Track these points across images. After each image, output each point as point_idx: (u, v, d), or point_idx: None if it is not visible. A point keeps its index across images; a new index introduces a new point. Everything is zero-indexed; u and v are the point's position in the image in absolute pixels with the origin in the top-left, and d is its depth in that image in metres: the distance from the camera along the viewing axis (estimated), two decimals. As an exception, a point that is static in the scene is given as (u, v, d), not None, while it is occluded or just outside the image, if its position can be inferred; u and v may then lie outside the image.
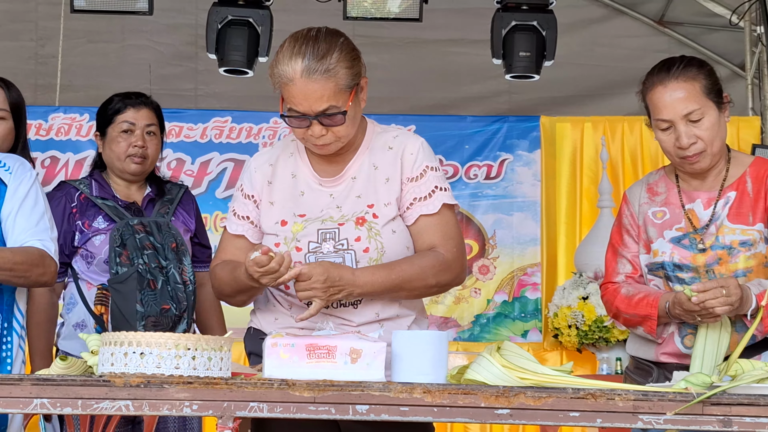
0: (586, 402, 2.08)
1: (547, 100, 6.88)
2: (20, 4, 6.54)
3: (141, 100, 3.90)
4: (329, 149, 2.78)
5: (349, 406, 2.06)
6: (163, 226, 3.76)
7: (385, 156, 2.83)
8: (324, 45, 2.68)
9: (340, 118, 2.70)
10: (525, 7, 5.54)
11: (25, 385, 1.98)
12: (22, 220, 2.99)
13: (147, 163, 3.87)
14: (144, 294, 3.64)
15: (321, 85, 2.65)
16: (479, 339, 6.63)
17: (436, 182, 2.81)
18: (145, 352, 2.10)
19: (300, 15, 6.10)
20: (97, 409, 2.00)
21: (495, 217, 6.77)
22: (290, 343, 2.22)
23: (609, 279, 3.19)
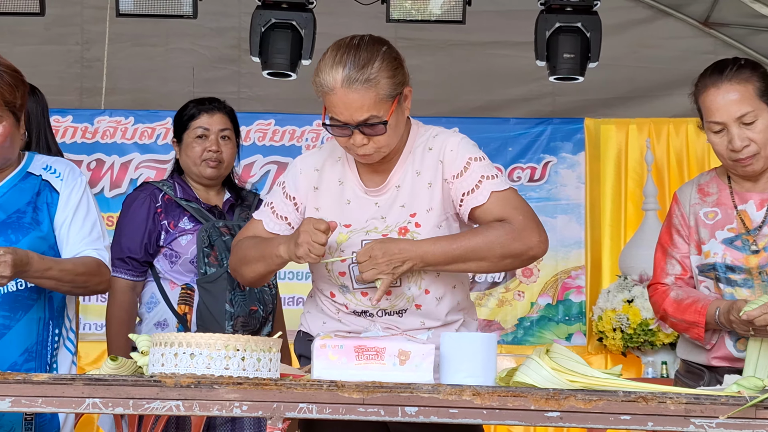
0: (637, 405, 2.07)
1: (591, 102, 6.83)
2: (66, 8, 6.60)
3: (215, 105, 3.98)
4: (372, 159, 2.76)
5: (398, 408, 2.06)
6: None
7: (426, 159, 2.81)
8: (365, 54, 2.67)
9: (381, 128, 2.68)
10: (569, 9, 5.50)
11: (77, 385, 2.00)
12: (77, 228, 3.02)
13: (222, 167, 3.93)
14: (234, 294, 3.72)
15: (361, 95, 2.64)
16: (523, 342, 6.60)
17: (482, 172, 2.76)
18: (195, 353, 2.11)
19: (343, 18, 6.11)
20: (148, 409, 2.01)
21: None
22: (339, 344, 2.22)
23: (658, 280, 3.16)
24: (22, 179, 3.05)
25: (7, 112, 2.94)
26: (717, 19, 6.73)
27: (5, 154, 2.98)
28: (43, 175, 3.06)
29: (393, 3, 5.56)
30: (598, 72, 5.87)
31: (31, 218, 3.00)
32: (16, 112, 2.97)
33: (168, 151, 6.47)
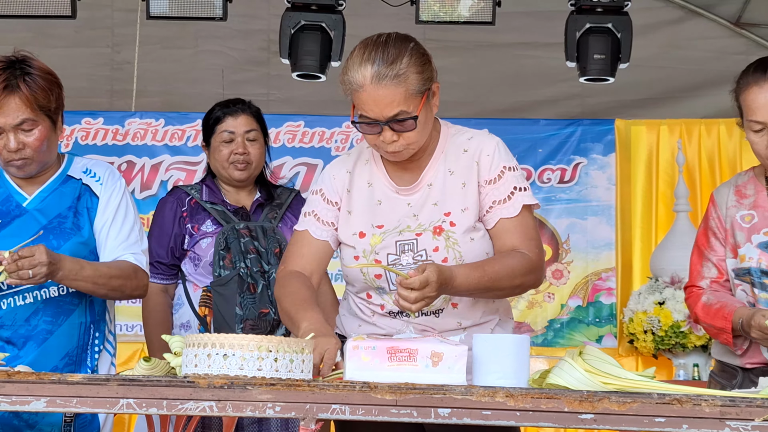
0: (672, 407, 2.05)
1: (621, 103, 6.80)
2: (96, 11, 6.63)
3: (239, 107, 3.98)
4: (401, 156, 2.76)
5: (431, 410, 2.05)
6: (268, 230, 3.83)
7: (460, 160, 2.80)
8: (394, 50, 2.67)
9: (411, 123, 2.68)
10: (599, 10, 5.47)
11: (111, 386, 2.00)
12: (115, 233, 3.03)
13: (251, 168, 3.93)
14: (243, 297, 3.72)
15: (391, 91, 2.64)
16: (553, 344, 6.58)
17: (515, 183, 2.77)
18: (228, 354, 2.12)
19: (372, 19, 6.10)
20: (182, 410, 2.02)
21: (569, 221, 6.71)
22: (372, 345, 2.22)
23: (693, 282, 3.14)
24: (62, 183, 3.07)
25: (42, 116, 2.95)
26: (748, 20, 6.68)
27: (42, 159, 3.00)
28: (83, 178, 3.08)
29: (422, 4, 5.56)
30: (627, 73, 5.84)
31: (72, 223, 3.02)
32: (51, 116, 2.99)
33: (198, 152, 6.49)
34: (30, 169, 3.00)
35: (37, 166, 3.01)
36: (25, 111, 2.92)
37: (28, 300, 2.96)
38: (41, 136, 2.95)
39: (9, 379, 2.02)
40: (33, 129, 2.94)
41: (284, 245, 3.75)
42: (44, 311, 2.97)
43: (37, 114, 2.94)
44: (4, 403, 2.00)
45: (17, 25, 6.17)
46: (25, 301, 2.96)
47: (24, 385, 2.01)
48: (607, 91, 6.45)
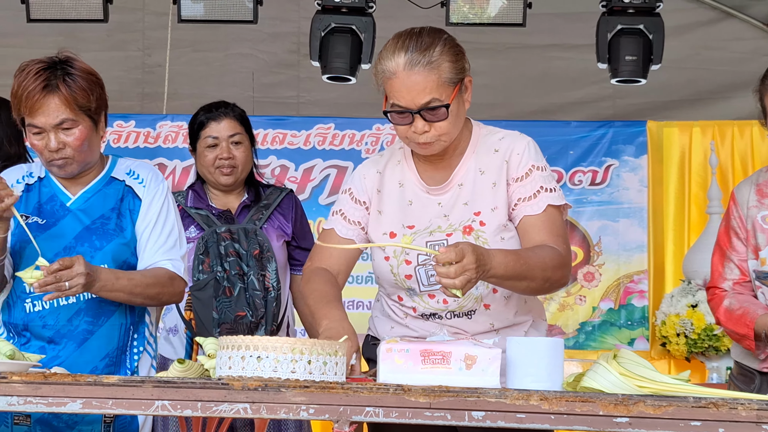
0: (708, 411, 2.03)
1: (653, 105, 6.77)
2: (128, 14, 6.67)
3: (221, 112, 3.99)
4: (432, 148, 2.75)
5: (465, 413, 2.04)
6: (250, 232, 3.83)
7: (491, 159, 2.80)
8: (427, 39, 2.68)
9: (443, 111, 2.67)
10: (631, 11, 5.44)
11: (146, 387, 2.01)
12: (155, 238, 3.04)
13: (238, 172, 3.95)
14: (219, 301, 3.73)
15: (424, 77, 2.64)
16: (584, 347, 6.55)
17: (542, 182, 2.76)
18: (262, 356, 2.12)
19: (402, 21, 6.06)
20: (216, 412, 2.02)
21: (600, 223, 6.69)
22: (405, 348, 2.22)
23: (715, 284, 3.11)
24: (106, 184, 3.09)
25: (82, 115, 2.97)
26: (781, 21, 6.64)
27: (83, 158, 3.01)
28: (127, 180, 3.09)
29: (453, 6, 5.55)
30: (659, 74, 5.80)
31: (115, 224, 3.03)
32: (92, 116, 3.00)
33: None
34: (71, 169, 3.02)
35: (78, 166, 3.02)
36: (64, 111, 2.93)
37: (71, 300, 2.97)
38: (81, 135, 2.97)
39: (45, 380, 2.03)
40: (73, 128, 2.96)
41: (265, 247, 3.79)
42: (86, 312, 2.98)
43: (77, 114, 2.95)
44: (41, 404, 2.01)
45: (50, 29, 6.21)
46: (67, 301, 2.97)
47: (60, 386, 2.02)
48: (638, 93, 6.42)
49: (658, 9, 5.45)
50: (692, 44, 6.65)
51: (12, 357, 2.35)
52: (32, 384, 2.03)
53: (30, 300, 2.99)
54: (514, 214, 2.77)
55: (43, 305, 2.97)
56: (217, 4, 5.64)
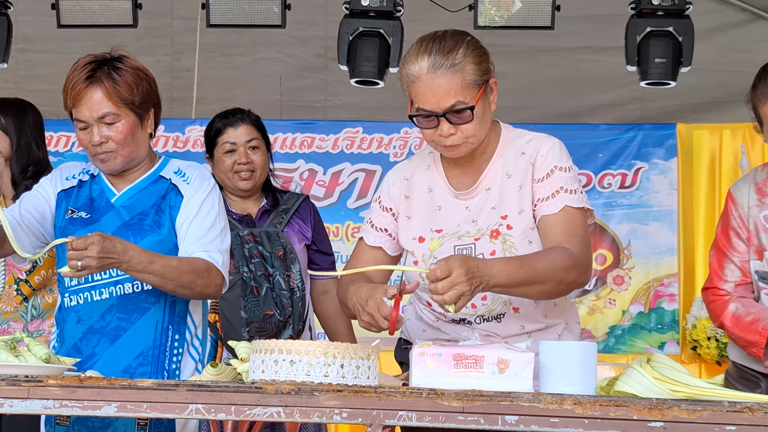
0: (743, 416, 2.02)
1: (682, 107, 6.73)
2: (156, 20, 6.70)
3: (238, 117, 4.04)
4: (459, 151, 2.74)
5: (498, 417, 2.04)
6: (272, 235, 3.87)
7: (518, 162, 2.78)
8: (450, 42, 2.68)
9: (468, 114, 2.66)
10: (660, 13, 5.42)
11: (180, 391, 2.02)
12: (194, 229, 3.00)
13: (256, 177, 3.99)
14: (247, 301, 3.76)
15: (447, 80, 2.63)
16: (614, 350, 6.53)
17: (563, 183, 2.73)
18: (295, 360, 2.13)
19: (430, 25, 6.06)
20: (250, 416, 2.03)
21: (630, 226, 6.66)
22: (437, 352, 2.22)
23: (714, 284, 3.06)
24: (152, 182, 3.08)
25: (125, 109, 2.96)
26: (812, 22, 6.59)
27: (127, 153, 3.00)
28: (173, 179, 3.08)
29: (480, 9, 5.54)
30: (688, 77, 5.77)
31: (152, 220, 3.02)
32: (136, 110, 2.99)
33: (257, 158, 6.53)
34: (115, 164, 3.01)
35: (122, 161, 3.01)
36: (106, 104, 2.94)
37: (104, 296, 2.97)
38: (125, 130, 2.96)
39: (81, 384, 2.04)
40: (116, 123, 2.96)
41: (288, 248, 3.84)
42: (117, 308, 2.97)
43: (120, 107, 2.95)
44: (77, 408, 2.02)
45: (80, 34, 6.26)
46: (101, 296, 2.97)
47: (95, 390, 2.03)
48: (668, 95, 6.39)
49: (688, 11, 5.43)
50: (722, 46, 6.61)
51: (47, 360, 2.37)
52: (68, 387, 2.04)
53: (68, 294, 3.00)
54: (535, 214, 2.76)
55: (78, 300, 2.98)
56: (245, 8, 5.66)
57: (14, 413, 2.07)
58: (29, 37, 6.63)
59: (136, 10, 5.61)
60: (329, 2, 6.59)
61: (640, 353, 6.33)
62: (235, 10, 5.63)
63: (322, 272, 4.04)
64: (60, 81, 3.03)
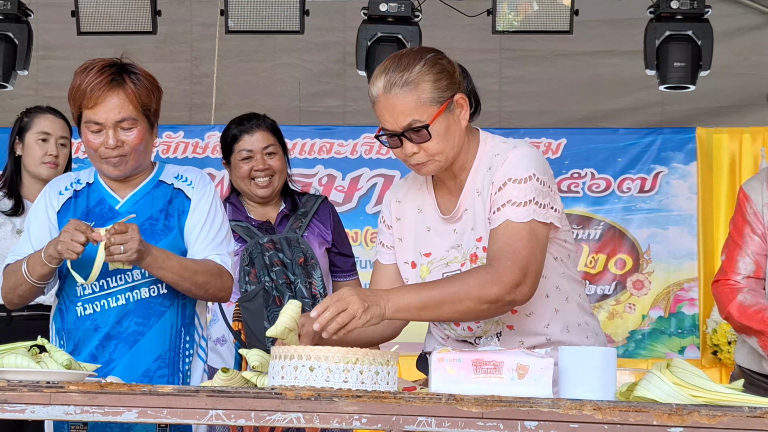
0: (763, 421, 2.02)
1: (701, 111, 6.72)
2: (176, 26, 6.74)
3: (254, 124, 3.97)
4: (428, 168, 2.67)
5: (518, 422, 2.04)
6: (293, 241, 3.82)
7: (485, 178, 2.68)
8: (407, 60, 2.62)
9: (425, 133, 2.59)
10: (679, 17, 5.41)
11: (201, 397, 2.03)
12: (204, 234, 3.03)
13: (274, 183, 3.94)
14: (270, 311, 3.69)
15: (401, 99, 2.58)
16: (634, 355, 6.51)
17: (511, 196, 2.60)
18: (315, 366, 2.13)
19: (449, 30, 6.12)
20: (270, 421, 2.04)
21: (649, 231, 6.64)
22: (457, 358, 2.21)
23: (726, 276, 3.03)
24: (154, 187, 3.09)
25: (142, 116, 2.99)
26: (831, 24, 6.56)
27: (138, 159, 3.02)
28: (175, 183, 3.09)
29: (499, 14, 5.54)
30: (708, 80, 5.77)
31: (163, 225, 3.03)
32: (150, 117, 3.02)
33: (276, 165, 6.55)
34: (125, 168, 3.02)
35: (132, 166, 3.02)
36: (127, 108, 2.96)
37: (120, 302, 2.98)
38: (140, 135, 2.98)
39: (102, 390, 2.05)
40: (132, 128, 2.97)
41: (309, 254, 3.80)
42: (135, 312, 2.98)
43: (139, 113, 2.97)
44: (97, 414, 2.03)
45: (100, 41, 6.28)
46: (117, 302, 2.98)
47: (116, 396, 2.04)
48: (687, 99, 6.37)
49: (707, 15, 5.42)
50: (741, 49, 6.59)
51: (68, 367, 2.38)
52: (89, 393, 2.05)
53: (81, 303, 3.00)
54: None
55: (94, 308, 2.98)
56: (264, 14, 5.68)
57: (36, 419, 2.08)
58: (50, 44, 6.68)
59: (156, 17, 5.64)
60: (348, 8, 6.61)
61: (660, 358, 6.31)
62: (253, 17, 5.66)
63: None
64: None
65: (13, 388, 2.09)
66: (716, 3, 5.59)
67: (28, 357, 2.35)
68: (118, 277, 2.98)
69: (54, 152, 4.13)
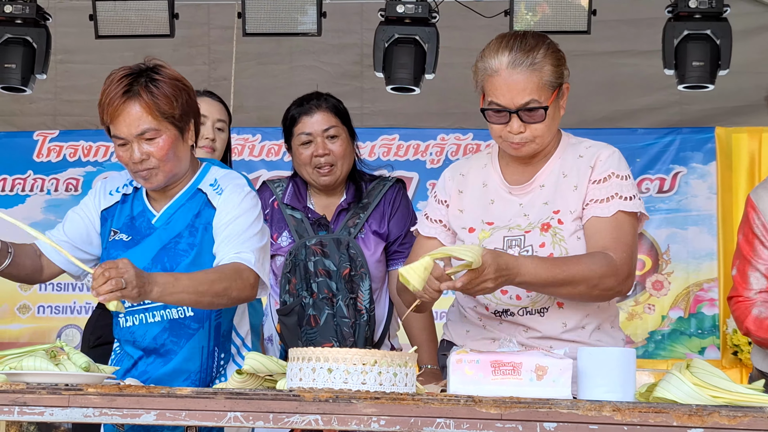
0: (784, 422, 2.00)
1: (721, 111, 6.68)
2: (194, 29, 6.75)
3: (313, 104, 3.67)
4: (524, 150, 2.78)
5: (537, 424, 2.04)
6: (342, 244, 3.55)
7: (575, 164, 2.82)
8: (532, 41, 2.73)
9: (541, 113, 2.70)
10: (697, 16, 5.38)
11: (219, 399, 2.03)
12: (227, 231, 2.88)
13: (336, 170, 3.62)
14: (304, 332, 3.50)
15: (525, 77, 2.68)
16: (654, 356, 6.48)
17: (618, 189, 2.76)
18: (333, 368, 2.13)
19: (466, 31, 6.10)
20: (288, 423, 2.04)
21: (668, 231, 6.61)
22: (475, 359, 2.21)
23: (739, 293, 3.04)
24: (189, 198, 2.99)
25: (166, 124, 2.84)
26: None
27: (170, 169, 2.90)
28: (209, 193, 2.97)
29: (516, 15, 5.53)
30: (726, 79, 5.73)
31: (186, 244, 2.93)
32: (176, 123, 2.87)
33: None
34: (157, 180, 2.90)
35: (164, 177, 2.89)
36: (146, 120, 2.82)
37: (156, 318, 2.93)
38: (166, 145, 2.84)
39: (120, 392, 2.06)
40: (156, 138, 2.84)
41: (359, 261, 3.51)
42: (170, 331, 2.94)
43: (160, 122, 2.82)
44: (116, 416, 2.04)
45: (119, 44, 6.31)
46: (154, 318, 2.93)
47: (134, 398, 2.04)
48: (706, 99, 6.34)
49: (725, 14, 5.39)
50: (760, 48, 6.55)
51: (87, 369, 2.38)
52: (107, 396, 2.06)
53: (123, 316, 2.97)
54: (584, 213, 2.79)
55: (134, 321, 2.96)
56: (281, 17, 5.68)
57: (54, 421, 2.08)
58: (68, 48, 6.70)
59: (173, 20, 5.65)
60: (365, 10, 6.60)
61: (680, 359, 6.27)
62: (271, 19, 5.66)
63: None
64: (98, 91, 2.91)
65: (32, 391, 2.10)
66: (735, 2, 5.56)
67: (47, 360, 2.35)
68: None
69: (211, 135, 3.86)
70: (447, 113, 6.73)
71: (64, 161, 6.90)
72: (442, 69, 5.71)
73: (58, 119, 7.03)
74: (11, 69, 5.61)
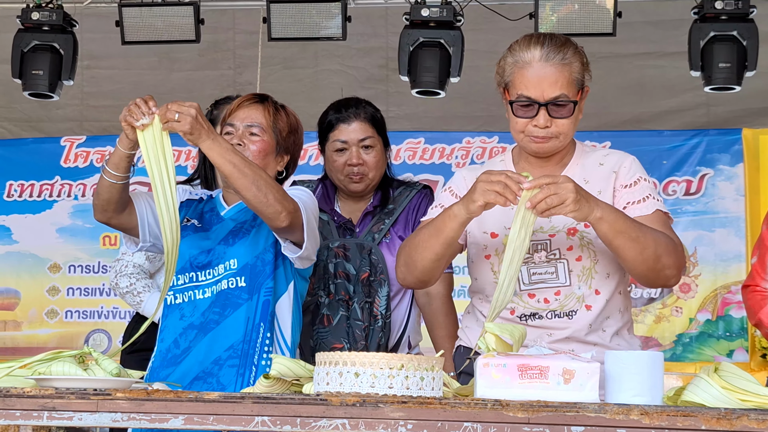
0: (814, 426, 1.99)
1: (748, 112, 6.64)
2: (219, 34, 6.78)
3: (351, 112, 3.66)
4: (547, 146, 2.79)
5: (564, 427, 2.03)
6: (365, 249, 3.53)
7: (596, 171, 2.85)
8: (562, 38, 2.79)
9: (569, 108, 2.73)
10: (724, 17, 5.37)
11: (246, 403, 2.04)
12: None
13: (368, 179, 3.61)
14: (316, 331, 3.49)
15: (557, 71, 2.71)
16: (682, 359, 6.45)
17: (649, 192, 2.81)
18: (360, 372, 2.13)
19: (491, 34, 6.09)
20: (315, 428, 2.04)
21: (696, 233, 6.58)
22: (502, 363, 2.21)
23: (756, 282, 3.04)
24: None
25: (270, 134, 3.17)
26: None
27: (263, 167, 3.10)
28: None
29: (541, 17, 5.53)
30: (754, 81, 5.71)
31: (249, 225, 3.14)
32: (280, 142, 3.19)
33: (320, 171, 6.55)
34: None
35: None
36: (257, 118, 3.16)
37: (207, 294, 3.09)
38: (261, 148, 3.14)
39: (148, 397, 2.07)
40: (255, 135, 3.15)
41: (379, 267, 3.49)
42: (215, 303, 3.08)
43: (268, 130, 3.17)
44: (144, 421, 2.05)
45: (144, 50, 6.36)
46: (204, 295, 3.09)
47: (162, 403, 2.05)
48: (733, 100, 6.31)
49: (752, 15, 5.36)
50: (787, 49, 6.52)
51: (117, 375, 2.40)
52: (136, 401, 2.07)
53: (172, 293, 3.13)
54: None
55: (183, 298, 3.12)
56: (306, 21, 5.70)
57: (83, 426, 2.10)
58: (94, 54, 6.74)
59: (199, 25, 5.68)
60: (389, 13, 6.61)
61: (708, 361, 6.24)
62: (296, 24, 5.68)
63: None
64: (125, 96, 3.07)
65: (61, 396, 2.11)
66: (761, 3, 5.53)
67: (75, 365, 2.37)
68: (207, 271, 3.09)
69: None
70: (472, 116, 6.72)
71: (91, 166, 6.95)
72: (467, 72, 5.71)
73: (85, 125, 7.08)
74: (38, 75, 5.66)
